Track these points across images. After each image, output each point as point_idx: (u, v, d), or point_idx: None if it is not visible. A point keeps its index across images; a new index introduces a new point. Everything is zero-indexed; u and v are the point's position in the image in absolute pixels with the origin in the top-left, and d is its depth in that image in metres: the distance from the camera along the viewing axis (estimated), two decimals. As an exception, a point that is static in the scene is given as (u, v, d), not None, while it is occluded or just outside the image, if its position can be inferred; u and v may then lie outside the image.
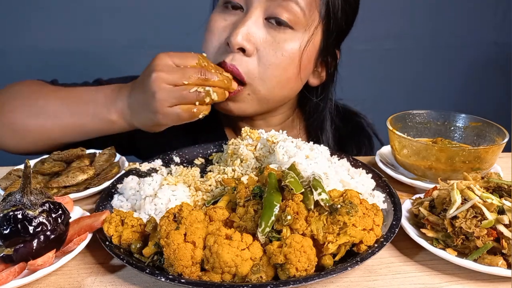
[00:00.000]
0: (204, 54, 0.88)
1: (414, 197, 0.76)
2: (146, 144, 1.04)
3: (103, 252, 0.64)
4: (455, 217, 0.64)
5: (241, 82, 0.93)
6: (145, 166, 0.88)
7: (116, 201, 0.77)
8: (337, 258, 0.60)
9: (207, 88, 0.83)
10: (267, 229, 0.59)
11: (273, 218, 0.60)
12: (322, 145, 0.82)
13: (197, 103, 0.83)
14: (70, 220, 0.66)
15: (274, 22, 0.91)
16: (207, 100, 0.84)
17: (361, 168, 0.83)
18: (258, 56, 0.91)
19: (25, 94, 0.96)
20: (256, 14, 0.90)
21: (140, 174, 0.85)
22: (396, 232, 0.64)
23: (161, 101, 0.81)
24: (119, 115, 0.89)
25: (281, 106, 1.05)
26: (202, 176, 0.83)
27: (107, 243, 0.63)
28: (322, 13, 0.93)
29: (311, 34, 0.94)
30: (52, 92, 0.96)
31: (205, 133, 1.02)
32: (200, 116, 0.86)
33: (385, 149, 0.98)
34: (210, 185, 0.77)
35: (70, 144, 0.95)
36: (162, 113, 0.82)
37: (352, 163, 0.87)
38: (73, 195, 0.80)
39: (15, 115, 0.93)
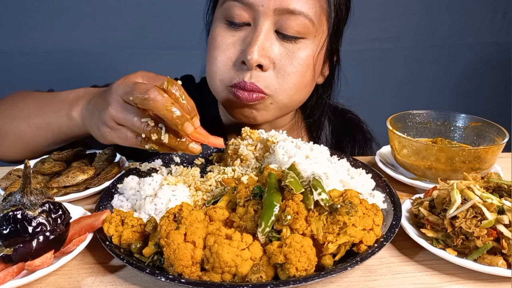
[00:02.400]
0: (179, 82, 0.72)
1: (414, 197, 0.76)
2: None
3: (103, 252, 0.64)
4: (455, 217, 0.64)
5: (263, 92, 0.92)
6: (145, 166, 0.88)
7: (116, 201, 0.77)
8: (337, 258, 0.60)
9: (160, 125, 0.71)
10: (267, 229, 0.59)
11: (273, 218, 0.60)
12: (322, 145, 0.82)
13: (143, 135, 0.72)
14: (71, 220, 0.66)
15: (284, 34, 0.91)
16: (154, 137, 0.71)
17: (361, 168, 0.83)
18: (275, 69, 0.92)
19: (10, 101, 0.96)
20: (266, 27, 0.90)
21: (140, 174, 0.85)
22: (396, 232, 0.64)
23: (110, 114, 0.73)
24: (78, 114, 0.85)
25: None
26: (202, 176, 0.83)
27: (107, 243, 0.63)
28: (332, 18, 0.94)
29: (323, 40, 0.95)
30: (33, 96, 0.96)
31: None
32: (147, 147, 0.73)
33: (385, 149, 0.98)
34: (210, 185, 0.77)
35: (68, 144, 0.94)
36: (110, 126, 0.74)
37: (352, 163, 0.87)
38: (73, 195, 0.80)
39: None
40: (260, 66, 0.90)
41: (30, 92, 1.01)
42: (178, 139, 0.72)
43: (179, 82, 0.72)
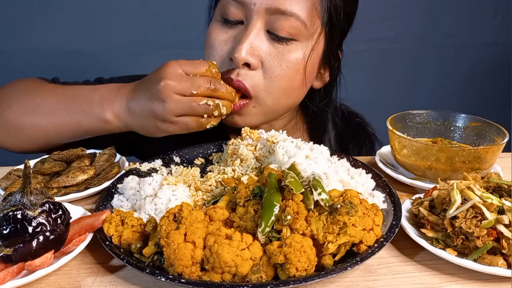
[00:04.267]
0: (214, 62, 0.87)
1: (414, 197, 0.76)
2: (149, 147, 1.04)
3: (103, 252, 0.64)
4: (455, 217, 0.64)
5: (245, 95, 0.92)
6: (145, 166, 0.88)
7: (116, 201, 0.77)
8: (337, 258, 0.60)
9: (216, 101, 0.83)
10: (267, 229, 0.59)
11: (273, 218, 0.60)
12: (322, 145, 0.82)
13: (205, 115, 0.83)
14: (71, 220, 0.66)
15: (275, 35, 0.90)
16: (216, 113, 0.83)
17: (361, 168, 0.83)
18: (263, 69, 0.91)
19: (22, 91, 0.95)
20: (258, 26, 0.89)
21: (140, 174, 0.85)
22: (396, 232, 0.64)
23: (169, 110, 0.80)
24: (115, 116, 0.87)
25: None
26: (202, 176, 0.82)
27: (107, 243, 0.63)
28: (325, 20, 0.93)
29: (314, 43, 0.93)
30: (50, 90, 0.95)
31: (210, 138, 1.01)
32: (208, 127, 0.85)
33: (385, 149, 0.98)
34: (210, 185, 0.77)
35: (68, 144, 0.94)
36: (170, 121, 0.82)
37: (352, 163, 0.87)
38: (73, 195, 0.80)
39: (10, 112, 0.92)
40: (248, 65, 0.89)
41: (39, 82, 1.00)
42: (232, 104, 0.87)
43: (214, 62, 0.87)
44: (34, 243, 0.59)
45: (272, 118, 1.00)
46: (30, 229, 0.60)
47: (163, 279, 0.56)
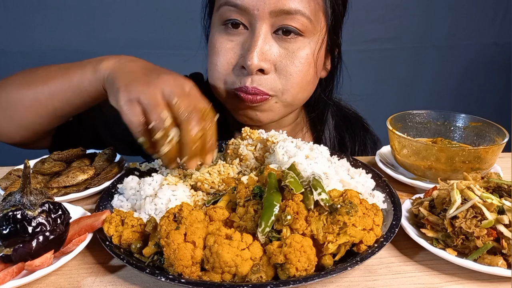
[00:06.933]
0: (217, 116, 0.74)
1: (414, 197, 0.76)
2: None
3: (103, 252, 0.64)
4: (455, 217, 0.64)
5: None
6: (145, 166, 0.88)
7: (116, 201, 0.77)
8: (337, 258, 0.60)
9: (173, 131, 0.68)
10: (267, 229, 0.59)
11: (273, 218, 0.60)
12: (322, 145, 0.82)
13: (149, 126, 0.68)
14: (71, 220, 0.66)
15: (282, 33, 0.90)
16: (158, 135, 0.67)
17: (361, 168, 0.83)
18: (277, 71, 0.92)
19: (28, 71, 0.93)
20: (264, 30, 0.89)
21: (140, 174, 0.85)
22: (396, 232, 0.64)
23: (142, 91, 0.70)
24: (106, 66, 0.80)
25: None
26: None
27: (107, 243, 0.63)
28: (329, 14, 0.94)
29: (323, 35, 0.95)
30: (56, 65, 0.93)
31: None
32: (140, 139, 0.70)
33: (385, 149, 0.98)
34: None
35: (69, 145, 0.94)
36: (130, 98, 0.70)
37: (352, 163, 0.87)
38: (73, 195, 0.80)
39: (11, 87, 0.90)
40: (261, 70, 0.90)
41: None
42: (175, 158, 0.71)
43: (217, 115, 0.74)
44: (34, 243, 0.59)
45: (290, 111, 1.02)
46: (30, 229, 0.59)
47: (163, 279, 0.56)
